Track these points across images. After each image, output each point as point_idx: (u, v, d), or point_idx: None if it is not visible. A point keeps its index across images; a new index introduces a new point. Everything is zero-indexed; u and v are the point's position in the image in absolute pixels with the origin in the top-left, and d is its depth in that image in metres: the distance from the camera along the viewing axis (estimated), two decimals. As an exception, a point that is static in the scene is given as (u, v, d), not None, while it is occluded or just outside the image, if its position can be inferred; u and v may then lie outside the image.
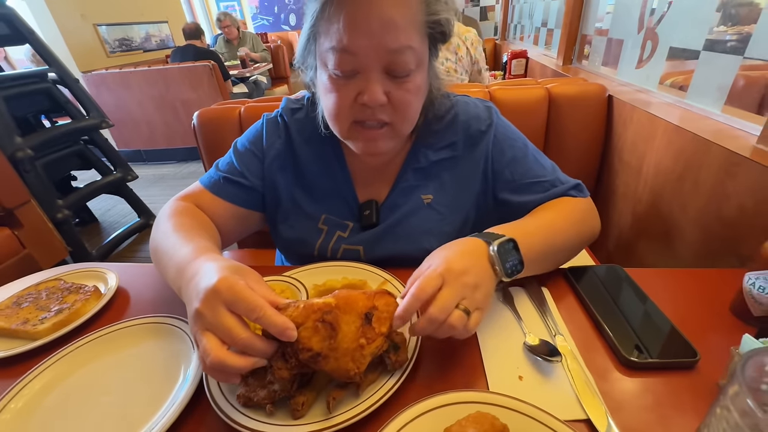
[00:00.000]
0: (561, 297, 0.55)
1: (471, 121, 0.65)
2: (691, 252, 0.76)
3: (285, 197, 0.67)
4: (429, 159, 0.65)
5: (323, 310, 0.37)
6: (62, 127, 2.16)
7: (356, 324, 0.39)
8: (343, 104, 0.53)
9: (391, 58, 0.49)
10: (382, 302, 0.41)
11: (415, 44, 0.50)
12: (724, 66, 0.73)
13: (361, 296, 0.41)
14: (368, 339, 0.39)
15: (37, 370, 0.48)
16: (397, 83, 0.51)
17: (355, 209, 0.67)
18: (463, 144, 0.65)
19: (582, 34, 1.51)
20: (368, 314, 0.40)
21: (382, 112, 0.52)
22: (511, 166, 0.63)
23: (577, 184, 0.64)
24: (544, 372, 0.44)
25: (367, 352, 0.39)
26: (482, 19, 3.45)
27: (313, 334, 0.36)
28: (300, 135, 0.68)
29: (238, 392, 0.40)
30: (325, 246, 0.65)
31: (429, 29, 0.52)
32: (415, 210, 0.64)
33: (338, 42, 0.48)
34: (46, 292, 0.63)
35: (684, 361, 0.43)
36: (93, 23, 3.65)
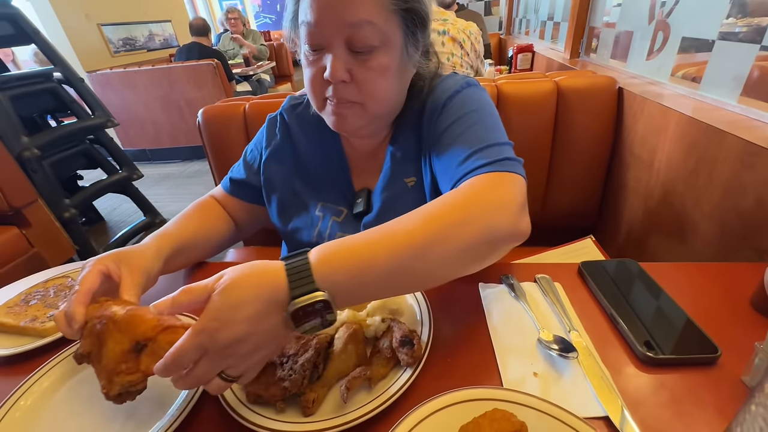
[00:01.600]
0: (574, 292, 0.54)
1: (440, 93, 0.59)
2: (705, 246, 0.74)
3: (283, 188, 0.70)
4: (408, 139, 0.63)
5: (101, 318, 0.38)
6: (68, 126, 2.17)
7: (123, 347, 0.37)
8: (315, 80, 0.55)
9: (350, 32, 0.50)
10: (165, 338, 0.36)
11: (377, 20, 0.50)
12: (741, 55, 0.71)
13: (150, 322, 0.37)
14: (128, 369, 0.36)
15: (45, 367, 0.48)
16: (360, 60, 0.52)
17: (349, 197, 0.68)
18: (428, 117, 0.59)
19: (590, 27, 1.48)
20: (139, 343, 0.37)
21: (345, 91, 0.53)
22: (452, 133, 0.54)
23: (503, 160, 0.47)
24: (559, 368, 0.43)
25: (119, 381, 0.36)
26: (486, 14, 3.41)
27: (88, 335, 0.39)
28: (300, 127, 0.70)
29: (247, 389, 0.39)
30: (322, 232, 0.66)
31: (396, 6, 0.51)
32: (400, 194, 0.63)
33: (305, 16, 0.51)
34: (54, 289, 0.63)
35: (705, 357, 0.42)
36: (97, 23, 3.66)
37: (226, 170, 1.18)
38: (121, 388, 0.37)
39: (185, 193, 3.05)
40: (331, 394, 0.40)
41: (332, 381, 0.41)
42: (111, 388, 0.37)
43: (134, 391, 0.38)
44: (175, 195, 3.03)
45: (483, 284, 0.57)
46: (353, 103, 0.55)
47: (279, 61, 4.69)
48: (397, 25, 0.53)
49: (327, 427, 0.35)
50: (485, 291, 0.56)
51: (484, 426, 0.30)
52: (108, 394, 0.37)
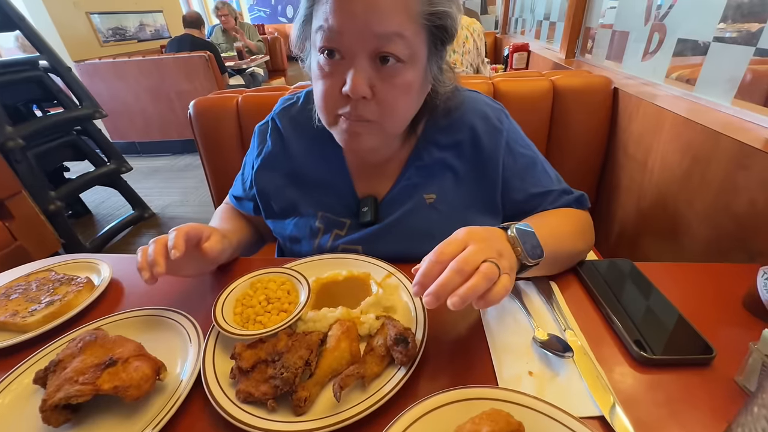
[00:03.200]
0: (570, 291, 0.54)
1: (478, 121, 0.61)
2: (698, 247, 0.75)
3: (277, 197, 0.67)
4: (433, 157, 0.62)
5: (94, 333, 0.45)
6: (54, 116, 2.11)
7: (95, 360, 0.41)
8: (329, 93, 0.50)
9: (377, 44, 0.46)
10: (137, 363, 0.41)
11: (407, 33, 0.46)
12: (735, 58, 0.71)
13: (133, 347, 0.43)
14: (84, 380, 0.38)
15: (26, 364, 0.46)
16: (384, 76, 0.48)
17: (353, 205, 0.64)
18: (470, 145, 0.61)
19: (586, 27, 1.49)
20: (112, 359, 0.40)
21: (364, 108, 0.49)
22: (522, 175, 0.61)
23: (581, 196, 0.64)
24: (554, 368, 0.43)
25: (68, 389, 0.38)
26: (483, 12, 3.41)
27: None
28: (294, 130, 0.67)
29: (237, 387, 0.38)
30: (323, 245, 0.64)
31: (427, 22, 0.48)
32: (416, 209, 0.61)
33: (325, 21, 0.46)
34: (37, 283, 0.61)
35: (700, 358, 0.42)
36: (86, 11, 3.57)
37: (217, 164, 1.16)
38: (65, 396, 0.37)
39: (175, 187, 3.00)
40: (324, 392, 0.39)
41: (324, 379, 0.40)
42: (54, 395, 0.37)
43: (71, 407, 0.39)
44: (164, 189, 2.98)
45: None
46: (370, 122, 0.51)
47: (273, 55, 4.63)
48: (424, 41, 0.49)
49: (319, 427, 0.35)
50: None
51: (481, 426, 0.29)
52: (46, 402, 0.37)
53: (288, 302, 0.49)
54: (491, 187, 0.61)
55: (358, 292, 0.50)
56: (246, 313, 0.48)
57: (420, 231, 0.60)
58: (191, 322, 0.49)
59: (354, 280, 0.52)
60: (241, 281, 0.53)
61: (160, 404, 0.40)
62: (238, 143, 1.11)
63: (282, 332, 0.44)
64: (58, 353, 0.44)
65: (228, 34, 4.18)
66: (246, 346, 0.42)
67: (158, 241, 0.50)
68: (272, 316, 0.47)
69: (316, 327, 0.45)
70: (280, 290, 0.51)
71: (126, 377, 0.39)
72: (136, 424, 0.39)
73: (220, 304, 0.48)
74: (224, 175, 1.17)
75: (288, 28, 7.74)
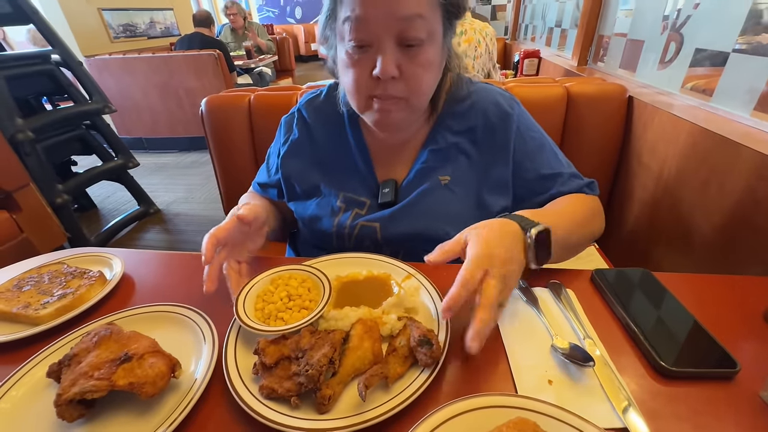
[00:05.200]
0: (587, 299, 0.53)
1: (490, 107, 0.65)
2: (713, 258, 0.74)
3: (301, 180, 0.70)
4: (447, 141, 0.65)
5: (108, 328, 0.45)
6: (64, 110, 2.12)
7: (110, 355, 0.40)
8: (360, 79, 0.54)
9: (401, 26, 0.50)
10: (152, 359, 0.40)
11: (426, 13, 0.51)
12: (756, 69, 0.71)
13: (148, 343, 0.42)
14: (99, 375, 0.38)
15: (39, 356, 0.45)
16: (409, 55, 0.52)
17: (373, 187, 0.68)
18: (483, 130, 0.65)
19: (599, 35, 1.48)
20: (127, 355, 0.40)
21: (394, 87, 0.53)
22: (532, 156, 0.65)
23: (591, 182, 0.66)
24: (573, 377, 0.42)
25: (83, 383, 0.37)
26: (492, 18, 3.42)
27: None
28: (318, 119, 0.71)
29: (261, 383, 0.37)
30: (342, 222, 0.66)
31: (442, 0, 0.53)
32: (432, 189, 0.64)
33: (352, 11, 0.50)
34: (49, 275, 0.60)
35: (724, 372, 0.41)
36: (98, 7, 3.60)
37: (227, 161, 1.16)
38: (80, 391, 0.36)
39: (180, 184, 3.00)
40: (347, 391, 0.39)
41: (347, 378, 0.39)
42: (69, 390, 0.37)
43: (86, 402, 0.38)
44: (170, 185, 2.99)
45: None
46: (398, 99, 0.55)
47: (281, 55, 4.64)
48: (440, 18, 0.54)
49: (344, 426, 0.34)
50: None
51: (508, 435, 0.29)
52: (61, 396, 0.37)
53: (309, 299, 0.49)
54: (503, 169, 0.65)
55: (378, 292, 0.50)
56: (267, 309, 0.48)
57: (436, 210, 0.64)
58: (205, 320, 0.49)
59: (374, 280, 0.52)
60: (261, 277, 0.52)
61: (174, 402, 0.40)
62: (249, 141, 1.11)
63: (305, 329, 0.43)
64: (72, 347, 0.43)
65: (237, 33, 4.20)
66: (269, 342, 0.41)
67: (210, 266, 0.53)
68: (293, 313, 0.47)
69: (338, 325, 0.45)
70: (301, 287, 0.50)
71: (141, 374, 0.39)
72: (150, 422, 0.38)
73: (241, 300, 0.48)
74: (234, 172, 1.17)
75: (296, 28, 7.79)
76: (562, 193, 0.64)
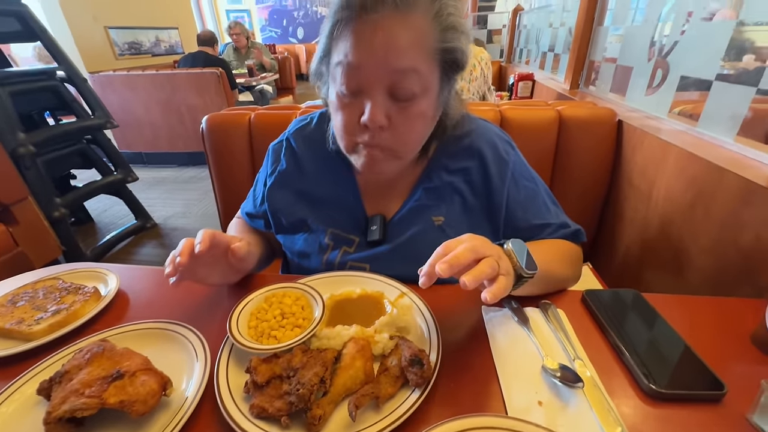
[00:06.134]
0: (577, 320, 0.54)
1: (487, 150, 0.64)
2: (702, 280, 0.75)
3: (288, 213, 0.69)
4: (442, 180, 0.64)
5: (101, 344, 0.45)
6: (66, 125, 2.15)
7: (102, 372, 0.40)
8: (348, 123, 0.53)
9: (394, 79, 0.49)
10: (143, 377, 0.40)
11: (422, 68, 0.49)
12: (738, 96, 0.74)
13: (140, 360, 0.42)
14: (90, 393, 0.38)
15: (30, 372, 0.45)
16: (400, 107, 0.51)
17: (362, 222, 0.66)
18: (478, 171, 0.64)
19: (590, 60, 1.54)
20: (119, 372, 0.40)
21: (381, 137, 0.52)
22: (524, 206, 0.64)
23: (577, 231, 0.67)
24: (563, 398, 0.42)
25: (73, 401, 0.37)
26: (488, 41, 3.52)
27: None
28: (307, 149, 0.69)
29: (252, 401, 0.38)
30: (331, 260, 0.64)
31: (440, 56, 0.51)
32: (425, 231, 0.62)
33: (345, 57, 0.49)
34: (44, 291, 0.61)
35: (711, 394, 0.41)
36: (104, 26, 3.68)
37: (226, 178, 1.18)
38: (71, 408, 0.36)
39: (178, 199, 3.01)
40: (338, 411, 0.39)
41: (338, 397, 0.39)
42: (59, 408, 0.37)
43: (75, 420, 0.38)
44: (167, 200, 2.99)
45: (486, 307, 0.56)
46: (386, 149, 0.54)
47: (282, 73, 4.75)
48: (437, 73, 0.52)
49: (332, 448, 0.34)
50: (488, 314, 0.55)
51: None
52: (51, 414, 0.37)
53: (302, 318, 0.49)
54: (496, 215, 0.64)
55: (371, 311, 0.50)
56: (261, 327, 0.48)
57: (428, 253, 0.60)
58: (199, 338, 0.49)
59: (367, 299, 0.52)
60: (255, 295, 0.53)
61: (164, 421, 0.40)
62: (249, 159, 1.13)
63: (297, 348, 0.44)
64: (64, 364, 0.43)
65: (239, 53, 4.31)
66: (261, 361, 0.42)
67: (187, 240, 0.51)
68: (287, 331, 0.47)
69: (330, 344, 0.45)
70: (294, 305, 0.51)
71: (132, 391, 0.39)
72: (140, 440, 0.38)
73: (235, 317, 0.48)
74: (232, 189, 1.18)
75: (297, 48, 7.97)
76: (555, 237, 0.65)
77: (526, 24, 2.76)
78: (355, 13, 0.48)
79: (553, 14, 2.07)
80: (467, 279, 0.39)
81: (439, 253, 0.42)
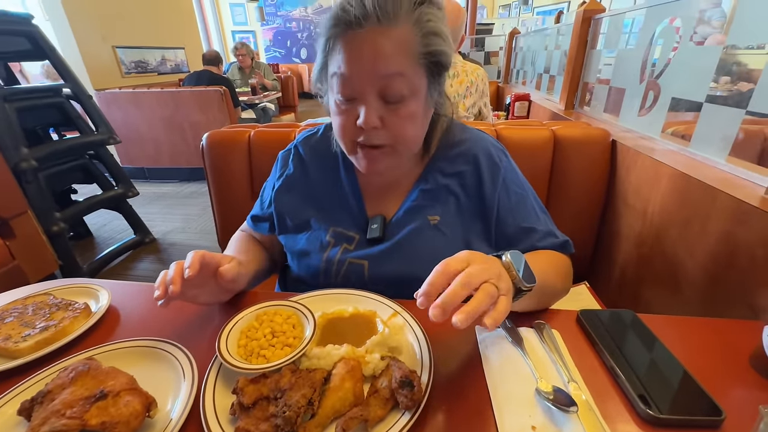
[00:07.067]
0: (572, 340, 0.53)
1: (482, 156, 0.68)
2: (699, 299, 0.74)
3: (293, 214, 0.73)
4: (438, 182, 0.68)
5: (86, 363, 0.44)
6: (70, 140, 2.18)
7: (85, 392, 0.40)
8: (346, 126, 0.58)
9: (383, 83, 0.54)
10: (128, 397, 0.40)
11: (407, 72, 0.54)
12: (727, 118, 0.75)
13: (125, 380, 0.42)
14: (71, 414, 0.37)
15: (12, 392, 0.44)
16: (391, 108, 0.56)
17: (362, 223, 0.69)
18: (471, 176, 0.68)
19: (584, 82, 1.57)
20: (103, 392, 0.39)
21: (376, 136, 0.57)
22: (514, 211, 0.67)
23: (566, 242, 0.69)
24: (557, 422, 0.41)
25: (54, 422, 0.36)
26: (486, 63, 3.60)
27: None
28: (313, 156, 0.75)
29: (237, 424, 0.37)
30: (331, 257, 0.67)
31: (424, 59, 0.55)
32: (421, 229, 0.66)
33: (338, 68, 0.55)
34: (33, 307, 0.60)
35: (709, 420, 0.40)
36: (112, 45, 3.79)
37: (225, 195, 1.19)
38: (50, 430, 0.36)
39: (178, 214, 3.02)
40: None
41: (326, 420, 0.38)
42: (39, 429, 0.36)
43: None
44: (167, 215, 3.00)
45: (480, 327, 0.55)
46: (383, 146, 0.59)
47: (285, 92, 4.86)
48: (424, 75, 0.57)
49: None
50: (482, 334, 0.54)
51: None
52: None
53: (293, 336, 0.49)
54: (488, 218, 0.67)
55: (363, 330, 0.49)
56: (250, 345, 0.47)
57: (424, 250, 0.64)
58: (187, 357, 0.48)
59: (360, 317, 0.52)
60: (246, 313, 0.52)
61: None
62: (247, 175, 1.14)
63: (286, 368, 0.43)
64: (47, 383, 0.43)
65: (244, 72, 4.42)
66: (249, 381, 0.41)
67: (177, 264, 0.51)
68: (276, 350, 0.47)
69: (320, 364, 0.44)
70: (285, 324, 0.50)
71: (115, 412, 0.38)
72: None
73: (224, 335, 0.48)
74: (230, 205, 1.18)
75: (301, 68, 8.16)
76: (536, 248, 0.66)
77: (523, 46, 2.83)
78: (343, 29, 0.53)
79: (549, 37, 2.12)
80: (459, 319, 0.37)
81: (439, 271, 0.41)
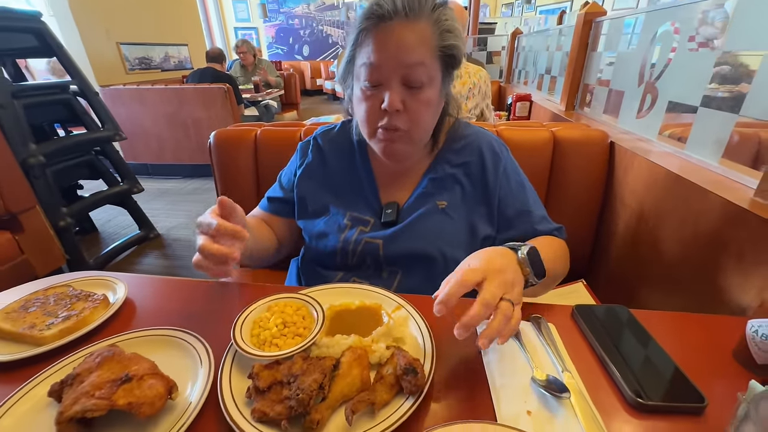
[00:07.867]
0: (567, 334, 0.56)
1: (485, 149, 0.77)
2: (692, 296, 0.77)
3: (313, 200, 0.79)
4: (445, 171, 0.76)
5: (111, 349, 0.47)
6: (77, 136, 2.21)
7: (112, 375, 0.42)
8: (371, 111, 0.65)
9: (406, 71, 0.62)
10: (151, 380, 0.42)
11: (427, 62, 0.62)
12: (721, 122, 0.78)
13: (148, 365, 0.45)
14: (100, 395, 0.40)
15: (42, 375, 0.47)
16: (412, 94, 0.63)
17: (377, 208, 0.77)
18: (476, 166, 0.76)
19: (584, 83, 1.59)
20: (128, 376, 0.42)
21: (398, 119, 0.64)
22: (514, 195, 0.76)
23: (560, 227, 0.77)
24: (551, 408, 0.44)
25: (84, 402, 0.39)
26: (488, 62, 3.62)
27: None
28: (331, 148, 0.81)
29: (253, 406, 0.40)
30: (348, 238, 0.73)
31: (440, 53, 0.64)
32: (430, 213, 0.73)
33: (368, 58, 0.62)
34: (54, 297, 0.63)
35: (692, 406, 0.43)
36: (116, 41, 3.81)
37: (231, 191, 1.21)
38: (81, 409, 0.38)
39: (181, 210, 3.05)
40: (335, 416, 0.41)
41: (336, 403, 0.41)
42: (71, 408, 0.38)
43: (85, 421, 0.40)
44: (171, 211, 3.03)
45: (480, 320, 0.58)
46: (401, 131, 0.65)
47: (288, 89, 4.88)
48: (439, 68, 0.65)
49: (330, 450, 0.36)
50: (481, 327, 0.57)
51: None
52: (62, 414, 0.38)
53: (303, 327, 0.51)
54: (490, 202, 0.75)
55: (369, 322, 0.52)
56: (263, 335, 0.50)
57: (433, 230, 0.72)
58: (203, 345, 0.51)
59: (366, 310, 0.55)
60: (258, 304, 0.55)
61: (169, 423, 0.41)
62: (253, 173, 1.17)
63: (297, 355, 0.46)
64: (74, 367, 0.45)
65: (246, 69, 4.43)
66: (264, 367, 0.44)
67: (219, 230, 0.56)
68: (288, 339, 0.50)
69: (329, 352, 0.47)
70: (296, 315, 0.53)
71: (140, 394, 0.41)
72: (146, 443, 0.40)
73: (239, 325, 0.51)
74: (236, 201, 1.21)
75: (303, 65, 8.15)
76: (536, 231, 0.74)
77: (525, 47, 2.85)
78: (375, 22, 0.61)
79: (550, 38, 2.14)
80: (482, 343, 0.44)
81: (458, 281, 0.46)
